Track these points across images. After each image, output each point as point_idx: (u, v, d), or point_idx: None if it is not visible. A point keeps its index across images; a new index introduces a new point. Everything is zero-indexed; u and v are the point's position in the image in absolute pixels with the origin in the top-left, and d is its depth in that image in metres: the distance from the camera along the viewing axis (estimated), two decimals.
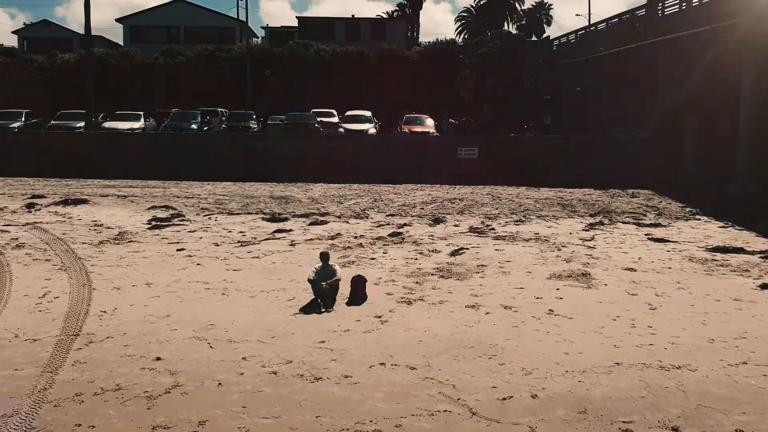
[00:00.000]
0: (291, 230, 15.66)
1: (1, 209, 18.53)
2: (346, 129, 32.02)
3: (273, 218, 17.23)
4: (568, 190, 24.14)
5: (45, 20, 57.76)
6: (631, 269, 12.48)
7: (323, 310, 10.04)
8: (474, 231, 15.76)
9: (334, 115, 34.64)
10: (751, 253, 13.77)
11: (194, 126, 31.36)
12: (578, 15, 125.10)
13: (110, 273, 12.12)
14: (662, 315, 10.02)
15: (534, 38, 62.55)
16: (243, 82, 43.33)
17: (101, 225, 16.15)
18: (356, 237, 15.05)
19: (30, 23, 60.00)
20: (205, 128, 32.57)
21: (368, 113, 34.69)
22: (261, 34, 62.95)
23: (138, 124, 31.50)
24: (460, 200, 21.08)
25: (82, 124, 31.06)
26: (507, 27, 73.09)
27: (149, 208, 18.72)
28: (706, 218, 18.62)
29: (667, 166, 25.51)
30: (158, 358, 8.11)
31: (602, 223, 17.02)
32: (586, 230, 16.13)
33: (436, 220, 17.14)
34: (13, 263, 12.55)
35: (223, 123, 32.29)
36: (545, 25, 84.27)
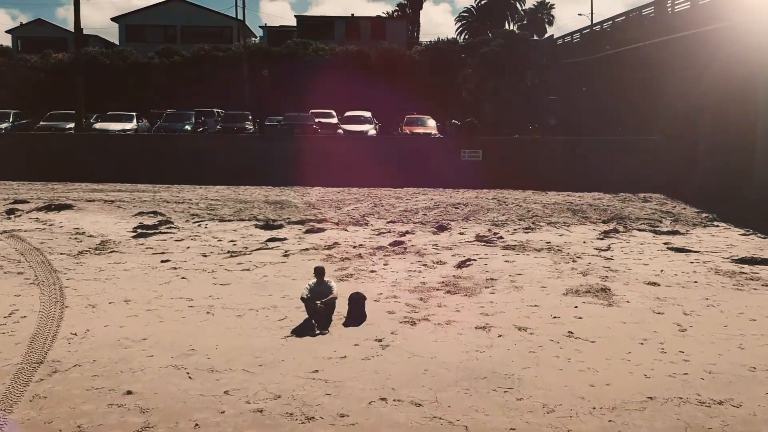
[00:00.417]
0: (285, 239, 14.66)
1: None
2: (346, 130, 31.01)
3: (266, 225, 16.23)
4: (577, 194, 23.13)
5: (39, 19, 56.82)
6: (654, 283, 11.48)
7: (317, 332, 9.05)
8: (481, 240, 14.75)
9: (333, 116, 33.64)
10: None
11: (188, 127, 30.35)
12: (581, 14, 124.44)
13: (87, 288, 11.12)
14: (694, 338, 9.03)
15: (536, 38, 61.52)
16: (240, 83, 42.37)
17: (83, 233, 15.15)
18: (355, 246, 14.04)
19: (24, 23, 59.04)
20: (200, 129, 31.56)
21: (368, 114, 33.67)
22: (260, 34, 61.99)
23: (130, 126, 30.47)
24: (465, 205, 20.07)
25: (73, 126, 30.03)
26: (508, 27, 72.04)
27: (136, 214, 17.71)
28: (725, 225, 17.61)
29: (680, 170, 24.49)
30: (129, 392, 7.13)
31: (617, 231, 16.01)
32: (601, 239, 15.12)
33: (440, 228, 16.13)
34: None
35: (218, 124, 31.22)
36: (547, 25, 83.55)
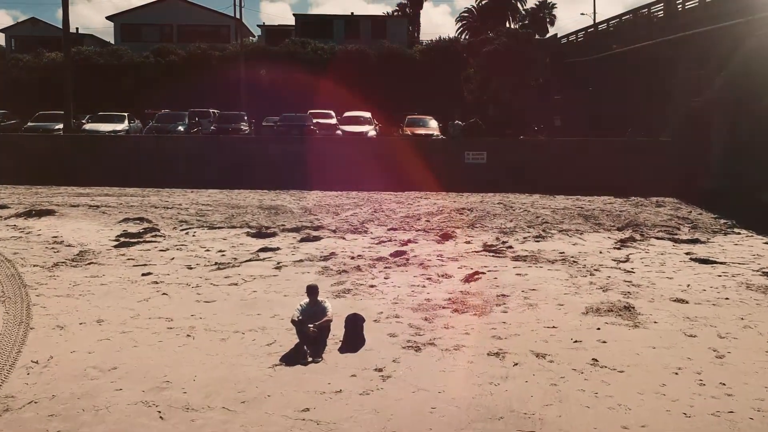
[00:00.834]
0: (278, 249, 13.61)
1: None
2: (345, 131, 29.94)
3: (259, 233, 15.18)
4: (587, 199, 22.09)
5: (33, 18, 55.70)
6: (682, 300, 10.44)
7: (310, 360, 8.02)
8: (489, 249, 13.70)
9: (332, 117, 32.57)
10: None
11: (181, 128, 29.25)
12: (583, 14, 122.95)
13: (57, 305, 10.09)
14: (734, 366, 8.01)
15: (537, 37, 60.44)
16: (237, 82, 41.34)
17: (61, 242, 14.11)
18: (353, 257, 13.00)
19: (18, 22, 58.02)
20: (194, 130, 30.50)
21: (368, 114, 32.59)
22: (258, 33, 60.95)
23: (121, 126, 29.37)
24: (470, 210, 19.03)
25: (61, 126, 28.99)
26: (509, 27, 70.96)
27: (121, 221, 16.67)
28: (747, 232, 16.58)
29: (692, 172, 23.47)
30: None
31: (633, 239, 14.97)
32: (618, 248, 14.07)
33: (445, 236, 15.08)
34: None
35: (212, 125, 30.14)
36: (549, 25, 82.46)
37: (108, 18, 54.61)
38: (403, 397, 7.03)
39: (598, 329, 9.18)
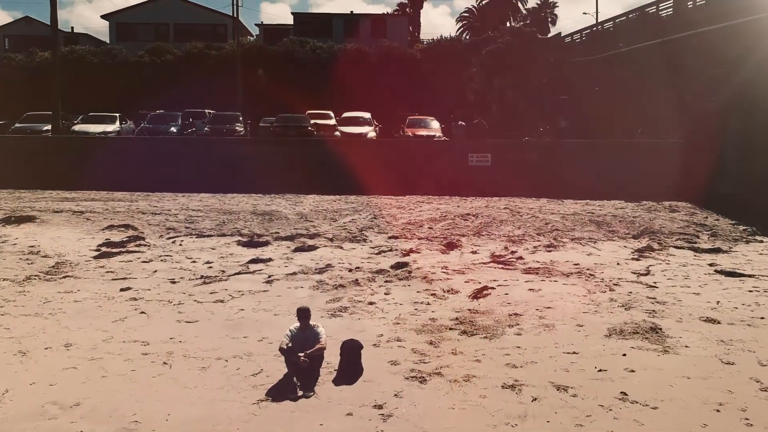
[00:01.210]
0: (270, 260, 12.62)
1: None
2: (343, 132, 28.95)
3: (250, 242, 14.19)
4: (596, 203, 21.10)
5: (27, 17, 54.73)
6: (713, 320, 9.45)
7: (300, 395, 7.05)
8: (498, 261, 12.71)
9: (331, 117, 31.58)
10: None
11: (174, 129, 28.23)
12: (585, 13, 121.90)
13: (23, 326, 9.12)
14: None
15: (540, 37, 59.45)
16: (234, 82, 40.39)
17: (38, 252, 13.11)
18: (351, 270, 12.00)
19: (12, 21, 57.06)
20: (188, 131, 29.50)
21: (367, 115, 31.59)
22: (256, 32, 60.00)
23: (112, 128, 28.33)
24: (475, 216, 18.04)
25: (50, 127, 27.99)
26: (513, 25, 70.03)
27: (105, 228, 15.67)
28: None
29: (705, 175, 22.46)
30: None
31: (651, 249, 13.97)
32: (636, 259, 13.08)
33: (449, 245, 14.08)
34: None
35: (206, 126, 29.11)
36: (550, 25, 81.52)
37: (103, 17, 53.71)
38: None
39: (624, 355, 8.20)
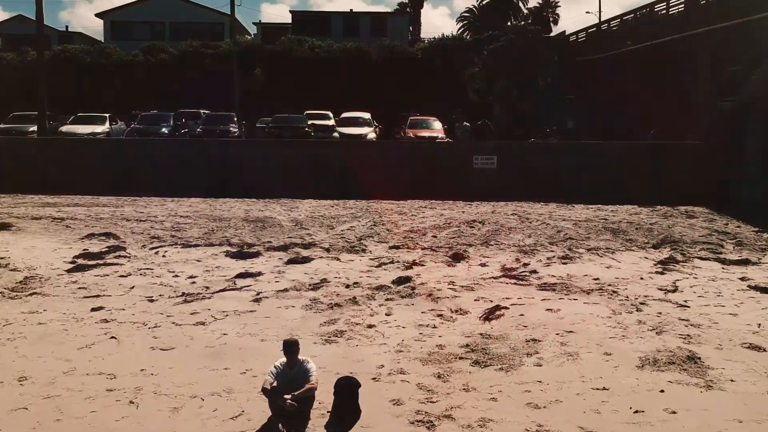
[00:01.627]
0: (260, 274, 11.52)
1: None
2: (342, 133, 27.85)
3: (240, 253, 13.09)
4: (609, 208, 19.99)
5: (20, 15, 53.63)
6: (757, 347, 8.35)
7: None
8: (510, 275, 11.60)
9: (330, 118, 30.50)
10: None
11: (165, 130, 27.12)
12: (588, 12, 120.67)
13: None
14: None
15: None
16: (230, 82, 39.29)
17: (6, 265, 12.00)
18: (348, 286, 10.89)
19: (4, 19, 56.01)
20: (179, 132, 28.39)
21: (367, 115, 30.50)
22: (254, 31, 58.90)
23: (101, 128, 27.20)
24: (481, 223, 16.94)
25: (36, 128, 26.92)
26: (517, 23, 68.93)
27: (84, 237, 14.58)
28: None
29: (722, 178, 21.40)
30: None
31: (675, 260, 12.87)
32: (660, 272, 11.97)
33: (456, 257, 12.97)
34: None
35: (199, 127, 27.99)
36: (552, 24, 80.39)
37: (97, 15, 52.57)
38: None
39: (662, 392, 7.10)
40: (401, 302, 10.11)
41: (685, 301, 10.12)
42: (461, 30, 74.61)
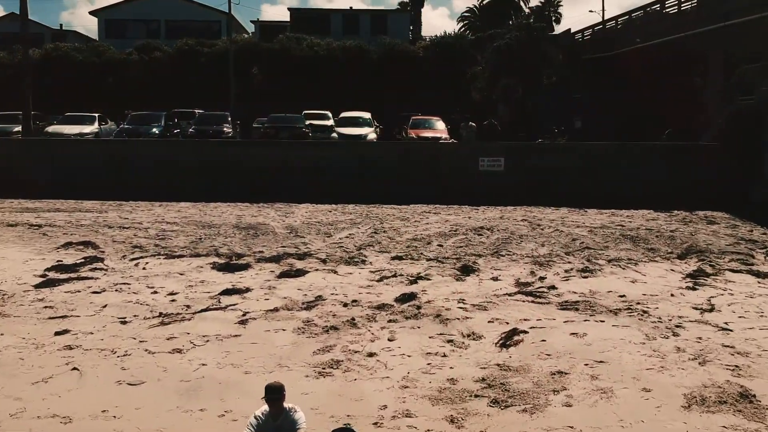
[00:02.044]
0: (248, 290, 10.39)
1: None
2: (341, 134, 26.71)
3: (228, 265, 11.97)
4: (624, 213, 18.87)
5: (12, 13, 52.34)
6: None
7: None
8: (525, 291, 10.47)
9: (329, 118, 29.34)
10: None
11: (156, 130, 25.96)
12: (591, 11, 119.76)
13: None
14: None
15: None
16: (227, 81, 38.18)
17: None
18: (346, 304, 9.76)
19: None
20: (171, 133, 27.23)
21: (367, 115, 29.35)
22: (252, 30, 57.71)
23: (89, 129, 26.01)
24: (489, 230, 15.80)
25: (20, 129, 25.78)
26: (520, 21, 67.80)
27: (60, 247, 13.45)
28: None
29: (739, 180, 20.31)
30: None
31: (705, 273, 11.73)
32: (692, 288, 10.82)
33: (465, 269, 11.83)
34: None
35: (191, 127, 26.80)
36: (554, 23, 79.24)
37: (91, 13, 51.47)
38: None
39: None
40: (406, 324, 8.98)
41: (726, 323, 8.98)
42: (462, 30, 73.55)
